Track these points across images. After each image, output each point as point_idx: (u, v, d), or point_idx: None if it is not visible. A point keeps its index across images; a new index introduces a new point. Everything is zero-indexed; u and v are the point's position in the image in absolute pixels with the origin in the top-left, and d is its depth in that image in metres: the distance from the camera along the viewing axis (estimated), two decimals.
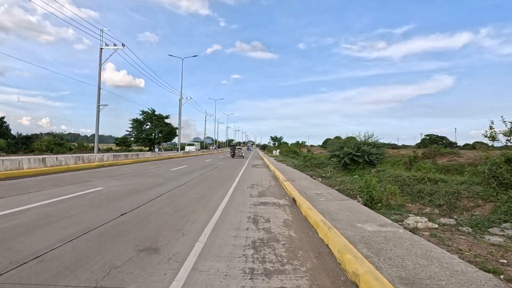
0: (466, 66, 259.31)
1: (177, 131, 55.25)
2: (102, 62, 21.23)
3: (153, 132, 57.24)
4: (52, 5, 75.08)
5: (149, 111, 56.51)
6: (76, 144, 45.96)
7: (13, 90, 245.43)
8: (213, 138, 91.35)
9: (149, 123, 57.12)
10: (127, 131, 56.35)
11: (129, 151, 44.22)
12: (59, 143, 38.76)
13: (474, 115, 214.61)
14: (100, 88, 20.98)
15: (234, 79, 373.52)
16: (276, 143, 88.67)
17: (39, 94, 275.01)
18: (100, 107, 21.13)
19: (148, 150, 49.56)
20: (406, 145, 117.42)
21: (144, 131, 56.29)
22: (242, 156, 32.70)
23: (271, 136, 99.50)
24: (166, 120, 57.99)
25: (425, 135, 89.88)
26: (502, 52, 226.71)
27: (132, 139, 56.31)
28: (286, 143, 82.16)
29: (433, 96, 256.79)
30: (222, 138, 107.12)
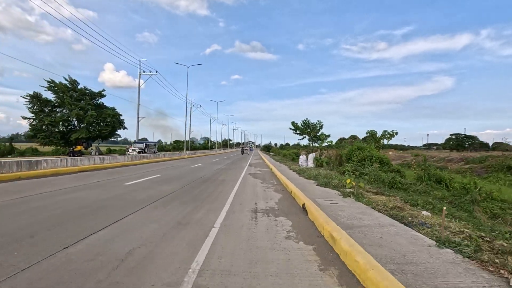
0: (466, 68, 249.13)
1: (122, 120, 35.53)
2: None
3: (67, 119, 30.37)
4: (50, 5, 68.29)
5: (65, 83, 30.64)
6: None
7: (12, 90, 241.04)
8: (207, 138, 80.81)
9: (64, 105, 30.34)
10: (25, 118, 29.92)
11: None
12: None
13: (474, 116, 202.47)
14: None
15: (234, 80, 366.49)
16: (306, 136, 28.98)
17: None
18: None
19: (67, 154, 29.34)
20: (412, 146, 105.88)
21: (49, 118, 29.34)
22: (248, 153, 43.74)
23: (292, 123, 30.03)
24: (121, 108, 33.24)
25: (450, 135, 78.17)
26: (503, 54, 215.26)
27: (28, 132, 30.65)
28: (328, 136, 27.69)
29: (433, 97, 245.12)
30: (216, 138, 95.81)
